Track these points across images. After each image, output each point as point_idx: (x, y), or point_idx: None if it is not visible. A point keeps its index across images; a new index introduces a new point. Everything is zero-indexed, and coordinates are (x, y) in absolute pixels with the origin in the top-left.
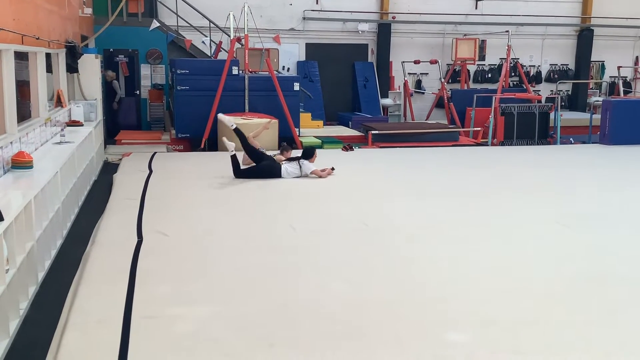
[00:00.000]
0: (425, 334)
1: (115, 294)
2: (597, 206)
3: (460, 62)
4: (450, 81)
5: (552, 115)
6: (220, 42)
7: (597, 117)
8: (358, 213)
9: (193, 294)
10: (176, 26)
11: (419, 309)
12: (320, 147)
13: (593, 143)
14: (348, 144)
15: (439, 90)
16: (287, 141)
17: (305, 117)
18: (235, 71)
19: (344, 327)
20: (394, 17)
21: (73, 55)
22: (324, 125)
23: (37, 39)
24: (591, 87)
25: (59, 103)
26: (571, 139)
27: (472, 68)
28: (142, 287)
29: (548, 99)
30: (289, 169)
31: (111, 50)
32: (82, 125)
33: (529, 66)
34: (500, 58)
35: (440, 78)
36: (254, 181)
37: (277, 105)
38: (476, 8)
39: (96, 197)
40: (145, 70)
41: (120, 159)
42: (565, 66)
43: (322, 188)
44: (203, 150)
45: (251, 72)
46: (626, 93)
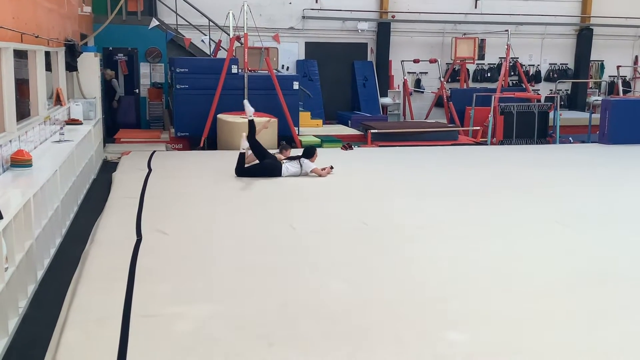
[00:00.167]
0: (424, 334)
1: (114, 293)
2: (597, 205)
3: (459, 61)
4: (449, 80)
5: (552, 114)
6: (219, 41)
7: (597, 117)
8: (358, 212)
9: (192, 293)
10: (175, 25)
11: (419, 309)
12: (319, 146)
13: (592, 142)
14: (347, 143)
15: (439, 89)
16: (287, 140)
17: (304, 116)
18: (234, 70)
19: (344, 327)
20: (394, 16)
21: (72, 53)
22: (323, 124)
23: (37, 37)
24: (590, 87)
25: (58, 101)
26: (570, 139)
27: (472, 67)
28: (142, 286)
29: (547, 98)
30: (290, 168)
31: (110, 48)
32: (82, 123)
33: (529, 65)
34: (499, 57)
35: (439, 77)
36: (254, 180)
37: (277, 104)
38: (476, 7)
39: (95, 196)
40: (144, 68)
41: (119, 158)
42: (564, 65)
43: (322, 187)
44: (202, 149)
45: (250, 71)
46: (625, 92)
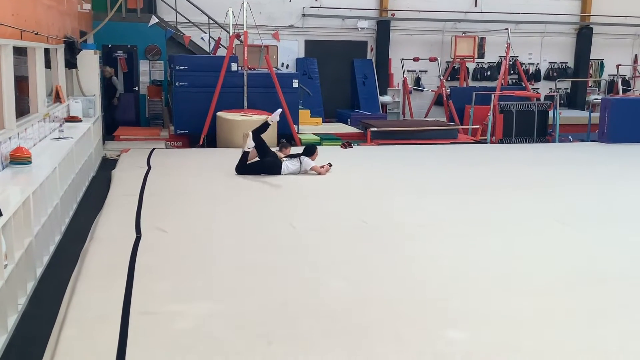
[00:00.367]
0: (424, 332)
1: (113, 290)
2: (596, 204)
3: (459, 60)
4: (449, 79)
5: (551, 113)
6: (219, 39)
7: (596, 115)
8: (357, 211)
9: (192, 291)
10: (175, 22)
11: (419, 307)
12: (319, 144)
13: (592, 141)
14: (347, 141)
15: (438, 87)
16: (286, 138)
17: (304, 114)
18: (234, 68)
19: (344, 325)
20: (394, 15)
21: (72, 50)
22: (323, 122)
23: (36, 35)
24: (590, 85)
25: (58, 99)
26: (570, 137)
27: (471, 66)
28: (141, 284)
29: (547, 97)
30: (290, 166)
31: (110, 46)
32: (81, 121)
33: (528, 64)
34: (499, 56)
35: (439, 75)
36: (254, 178)
37: (276, 102)
38: (475, 5)
39: (95, 193)
40: (144, 66)
41: (118, 155)
42: (564, 64)
43: (321, 186)
44: (202, 146)
45: (250, 69)
46: (625, 91)
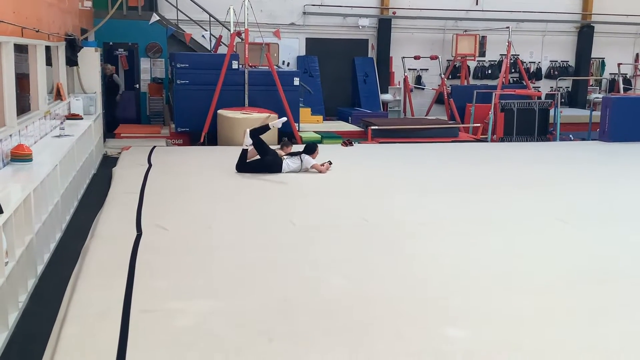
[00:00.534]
0: (425, 330)
1: (114, 288)
2: (597, 203)
3: (460, 58)
4: (450, 77)
5: (552, 111)
6: (220, 36)
7: (597, 114)
8: (358, 209)
9: (193, 289)
10: (176, 20)
11: (419, 305)
12: (319, 142)
13: (593, 140)
14: (348, 140)
15: (439, 86)
16: (287, 136)
17: (305, 112)
18: (235, 65)
19: (344, 323)
20: (395, 13)
21: (73, 48)
22: (324, 120)
23: (37, 32)
24: (591, 84)
25: (59, 96)
26: (571, 136)
27: (472, 64)
28: (142, 281)
29: (548, 96)
30: (290, 164)
31: (111, 43)
32: (82, 118)
33: (529, 62)
34: (500, 54)
35: (440, 74)
36: (254, 176)
37: (277, 100)
38: (477, 4)
39: (95, 191)
40: (144, 64)
41: (119, 153)
42: (565, 63)
43: (322, 184)
44: (202, 144)
45: (251, 67)
46: (626, 90)
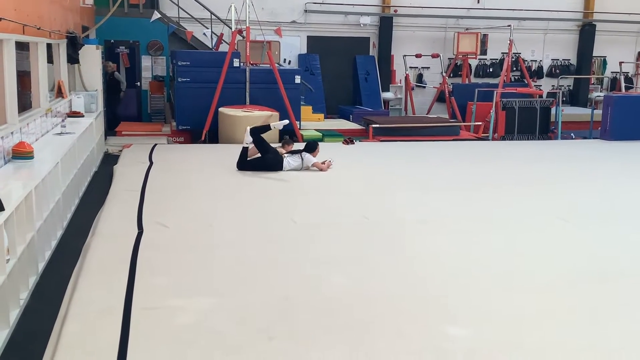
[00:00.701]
0: (426, 328)
1: (115, 285)
2: (598, 202)
3: (461, 56)
4: (451, 75)
5: (554, 110)
6: (221, 34)
7: (599, 113)
8: (359, 207)
9: (193, 286)
10: (177, 18)
11: (420, 303)
12: (321, 141)
13: (594, 138)
14: (349, 138)
15: (440, 84)
16: (289, 134)
17: (306, 110)
18: (236, 63)
19: (345, 321)
20: (396, 11)
21: (74, 46)
22: (325, 118)
23: (38, 29)
24: (593, 83)
25: (60, 94)
26: (572, 134)
27: (474, 62)
28: (143, 279)
29: (549, 94)
30: (291, 162)
31: (112, 41)
32: (83, 116)
33: (531, 61)
34: (502, 52)
35: (441, 72)
36: (255, 173)
37: (278, 98)
38: (478, 2)
39: (96, 189)
40: (146, 61)
41: (120, 151)
42: (567, 61)
43: (323, 181)
44: (204, 142)
45: (252, 65)
46: (628, 89)
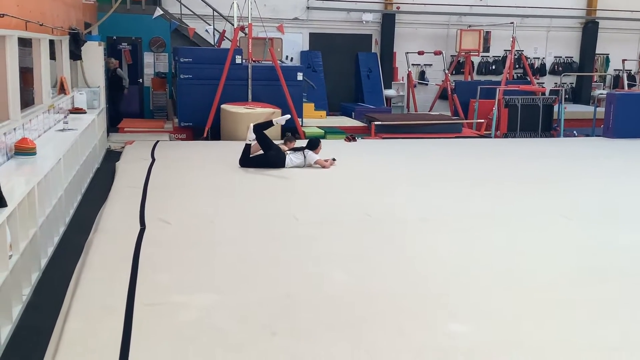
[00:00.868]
0: (427, 326)
1: (117, 282)
2: (601, 199)
3: (464, 54)
4: (454, 72)
5: (556, 107)
6: (223, 31)
7: (601, 110)
8: (361, 204)
9: (196, 283)
10: (180, 14)
11: (422, 301)
12: (323, 138)
13: (597, 136)
14: (351, 135)
15: (443, 81)
16: (291, 131)
17: (308, 107)
18: (238, 60)
19: (347, 318)
20: (398, 8)
21: (76, 42)
22: (327, 115)
23: (41, 26)
24: (595, 80)
25: (62, 90)
26: (575, 132)
27: (476, 59)
28: (145, 275)
29: (552, 92)
30: (294, 159)
31: (114, 38)
32: (85, 112)
33: (534, 58)
34: (504, 50)
35: (444, 69)
36: (257, 170)
37: (280, 95)
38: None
39: (99, 185)
40: (148, 58)
41: (123, 147)
42: (569, 59)
43: (325, 178)
44: (206, 139)
45: (254, 62)
46: (630, 86)
